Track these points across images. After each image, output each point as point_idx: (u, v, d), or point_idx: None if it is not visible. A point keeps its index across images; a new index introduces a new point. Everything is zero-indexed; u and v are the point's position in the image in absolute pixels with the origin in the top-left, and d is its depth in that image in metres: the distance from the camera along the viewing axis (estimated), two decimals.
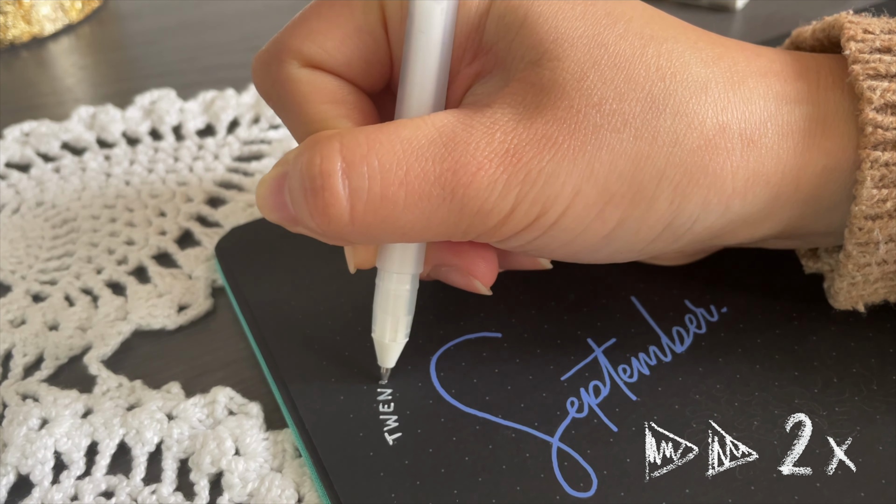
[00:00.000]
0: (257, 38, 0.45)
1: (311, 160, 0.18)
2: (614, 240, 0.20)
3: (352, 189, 0.18)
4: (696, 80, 0.20)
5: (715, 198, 0.20)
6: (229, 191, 0.33)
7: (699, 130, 0.19)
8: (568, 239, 0.20)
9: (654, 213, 0.20)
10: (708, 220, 0.20)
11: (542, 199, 0.19)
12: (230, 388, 0.25)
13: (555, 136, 0.19)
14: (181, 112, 0.38)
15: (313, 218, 0.19)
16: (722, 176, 0.19)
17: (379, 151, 0.18)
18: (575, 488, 0.20)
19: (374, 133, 0.19)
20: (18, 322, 0.28)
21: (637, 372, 0.23)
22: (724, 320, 0.24)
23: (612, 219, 0.19)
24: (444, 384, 0.23)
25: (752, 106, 0.20)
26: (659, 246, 0.21)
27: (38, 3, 0.44)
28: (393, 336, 0.22)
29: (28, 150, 0.36)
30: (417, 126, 0.19)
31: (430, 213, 0.19)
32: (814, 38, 0.23)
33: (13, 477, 0.23)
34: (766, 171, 0.20)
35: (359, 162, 0.18)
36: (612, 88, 0.19)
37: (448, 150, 0.18)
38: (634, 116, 0.19)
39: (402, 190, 0.18)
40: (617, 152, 0.19)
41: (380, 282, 0.22)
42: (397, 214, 0.19)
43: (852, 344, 0.23)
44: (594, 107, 0.19)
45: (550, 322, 0.25)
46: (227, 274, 0.27)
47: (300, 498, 0.22)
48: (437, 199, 0.18)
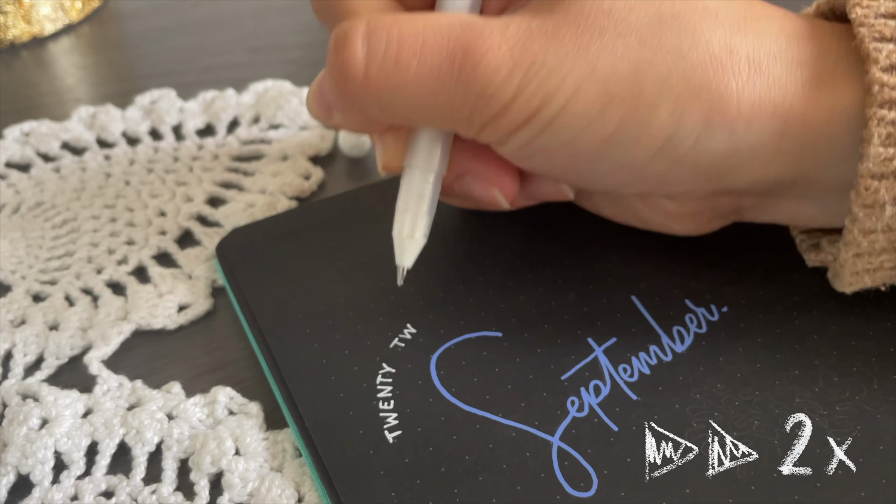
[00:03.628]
0: (257, 38, 0.45)
1: (341, 25, 0.21)
2: (615, 146, 0.21)
3: (369, 49, 0.20)
4: (707, 8, 0.20)
5: (717, 116, 0.20)
6: (229, 191, 0.33)
7: (705, 48, 0.20)
8: (567, 138, 0.21)
9: (654, 120, 0.20)
10: (712, 142, 0.20)
11: (543, 90, 0.20)
12: (230, 388, 0.25)
13: (562, 32, 0.20)
14: (181, 112, 0.38)
15: (334, 74, 0.21)
16: (726, 95, 0.20)
17: (402, 24, 0.20)
18: (575, 488, 0.20)
19: (400, 14, 0.21)
20: (19, 322, 0.28)
21: (637, 371, 0.23)
22: (724, 320, 0.24)
23: (611, 120, 0.20)
24: (445, 383, 0.23)
25: (763, 38, 0.20)
26: (661, 167, 0.21)
27: (38, 3, 0.44)
28: (411, 232, 0.23)
29: (28, 150, 0.36)
30: (441, 14, 0.21)
31: (437, 87, 0.20)
32: (818, 12, 0.23)
33: (13, 477, 0.23)
34: (773, 100, 0.20)
35: (381, 29, 0.20)
36: (622, 0, 0.20)
37: (464, 32, 0.20)
38: (641, 26, 0.20)
39: (415, 59, 0.20)
40: (619, 55, 0.20)
41: (404, 178, 0.23)
42: (408, 82, 0.20)
43: (853, 343, 0.23)
44: (604, 13, 0.20)
45: (551, 321, 0.25)
46: (227, 274, 0.27)
47: (300, 498, 0.22)
48: (446, 74, 0.20)
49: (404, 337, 0.24)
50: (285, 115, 0.37)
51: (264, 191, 0.33)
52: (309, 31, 0.45)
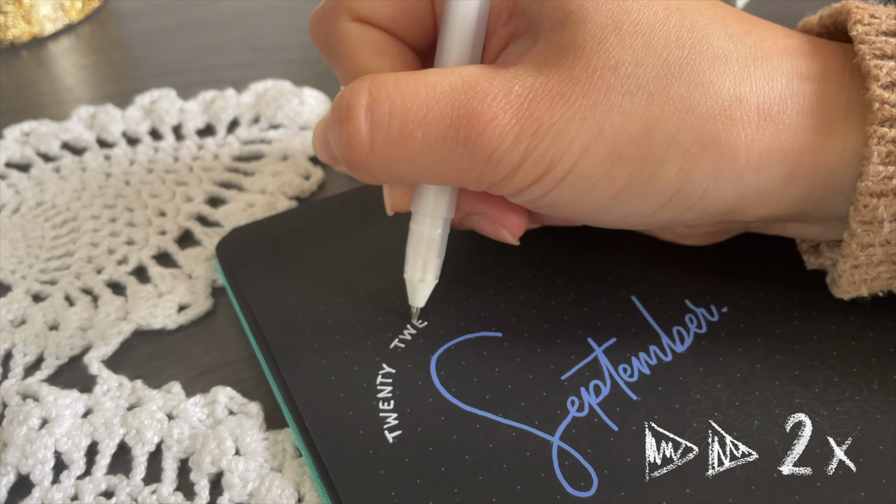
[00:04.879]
0: (257, 38, 0.45)
1: (343, 94, 0.20)
2: (623, 201, 0.21)
3: (373, 123, 0.20)
4: (717, 52, 0.20)
5: (727, 168, 0.20)
6: (229, 191, 0.33)
7: (714, 100, 0.19)
8: (577, 196, 0.20)
9: (662, 177, 0.20)
10: (719, 191, 0.20)
11: (551, 154, 0.20)
12: (230, 388, 0.25)
13: (568, 93, 0.19)
14: (181, 112, 0.38)
15: (339, 147, 0.21)
16: (735, 147, 0.20)
17: (404, 92, 0.20)
18: (575, 488, 0.20)
19: (404, 77, 0.20)
20: (19, 322, 0.28)
21: (637, 371, 0.23)
22: (724, 320, 0.24)
23: (619, 179, 0.20)
24: (445, 383, 0.23)
25: (773, 82, 0.20)
26: (670, 214, 0.21)
27: (38, 3, 0.44)
28: (422, 276, 0.23)
29: (28, 150, 0.36)
30: (444, 74, 0.20)
31: (443, 155, 0.20)
32: (821, 24, 0.23)
33: (13, 477, 0.23)
34: (783, 148, 0.20)
35: (383, 99, 0.20)
36: (629, 53, 0.19)
37: (468, 98, 0.20)
38: (648, 81, 0.19)
39: (420, 130, 0.20)
40: (628, 114, 0.19)
41: (413, 225, 0.23)
42: (414, 152, 0.20)
43: (853, 343, 0.23)
44: (610, 69, 0.19)
45: (551, 321, 0.25)
46: (227, 274, 0.27)
47: (300, 498, 0.22)
48: (451, 142, 0.20)
49: (404, 337, 0.24)
50: (285, 115, 0.37)
51: (264, 191, 0.33)
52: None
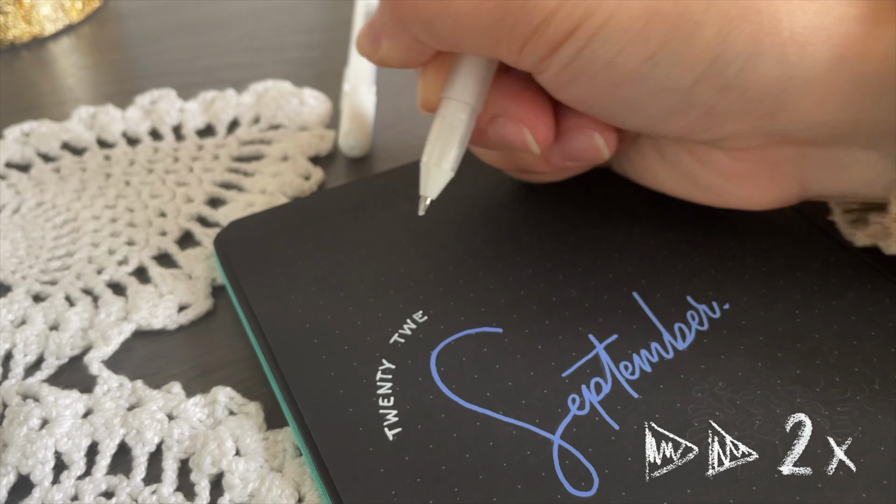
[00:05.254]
0: (257, 38, 0.45)
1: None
2: (657, 65, 0.20)
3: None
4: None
5: (767, 38, 0.19)
6: (229, 191, 0.33)
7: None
8: (609, 55, 0.20)
9: (699, 39, 0.19)
10: (760, 66, 0.20)
11: (585, 2, 0.20)
12: (230, 388, 0.25)
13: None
14: (181, 112, 0.38)
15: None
16: (776, 17, 0.19)
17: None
18: (576, 487, 0.20)
19: None
20: (19, 322, 0.28)
21: (639, 369, 0.23)
22: (726, 317, 0.24)
23: (654, 37, 0.20)
24: (445, 379, 0.23)
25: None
26: (709, 91, 0.20)
27: (38, 3, 0.44)
28: (438, 161, 0.23)
29: (28, 150, 0.36)
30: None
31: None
32: None
33: (13, 477, 0.23)
34: (827, 27, 0.19)
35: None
36: None
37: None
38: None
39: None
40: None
41: (439, 109, 0.23)
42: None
43: (855, 342, 0.23)
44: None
45: (551, 318, 0.24)
46: (225, 268, 0.27)
47: (300, 498, 0.22)
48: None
49: (404, 333, 0.24)
50: (285, 115, 0.37)
51: (264, 191, 0.33)
52: (309, 31, 0.45)
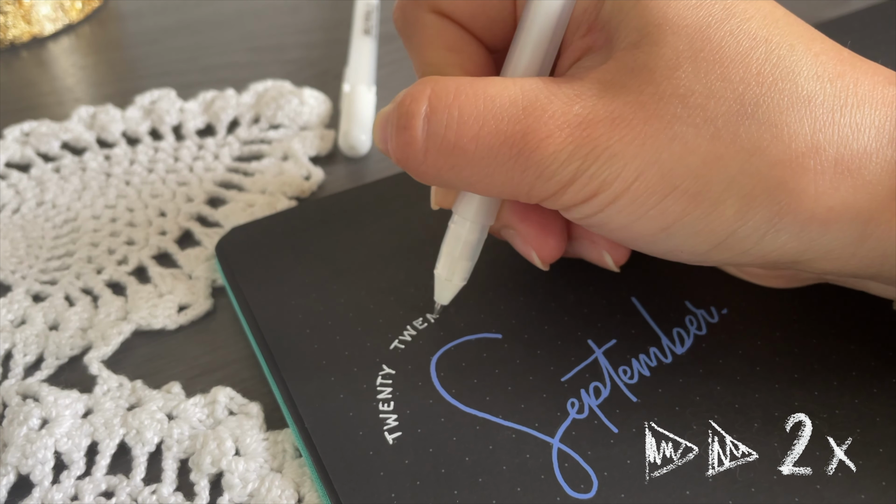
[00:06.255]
0: (257, 38, 0.45)
1: (404, 99, 0.20)
2: (673, 235, 0.20)
3: (429, 133, 0.20)
4: (800, 93, 0.18)
5: (789, 217, 0.19)
6: (229, 191, 0.33)
7: (786, 144, 0.18)
8: (625, 222, 0.20)
9: (717, 217, 0.19)
10: (779, 240, 0.19)
11: (603, 176, 0.19)
12: (230, 388, 0.25)
13: (630, 118, 0.19)
14: (181, 112, 0.38)
15: (395, 151, 0.21)
16: (801, 198, 0.18)
17: (462, 103, 0.20)
18: (575, 490, 0.20)
19: (464, 85, 0.20)
20: (19, 322, 0.28)
21: (637, 373, 0.23)
22: (724, 322, 0.24)
23: (672, 212, 0.19)
24: (445, 384, 0.23)
25: (860, 134, 0.18)
26: (724, 256, 0.20)
27: (38, 3, 0.44)
28: (450, 276, 0.24)
29: (28, 150, 0.36)
30: (505, 85, 0.20)
31: (494, 169, 0.20)
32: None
33: (13, 477, 0.23)
34: (858, 206, 0.18)
35: (441, 110, 0.20)
36: (702, 83, 0.19)
37: (525, 114, 0.19)
38: (717, 116, 0.18)
39: (473, 143, 0.20)
40: (689, 147, 0.18)
41: (452, 224, 0.23)
42: (465, 164, 0.20)
43: (852, 347, 0.23)
44: (679, 98, 0.19)
45: (551, 323, 0.25)
46: (227, 273, 0.27)
47: (300, 498, 0.22)
48: (504, 157, 0.20)
49: (404, 338, 0.24)
50: (285, 115, 0.37)
51: (264, 191, 0.33)
52: (309, 31, 0.45)
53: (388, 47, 0.42)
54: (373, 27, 0.41)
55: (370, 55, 0.39)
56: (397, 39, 0.44)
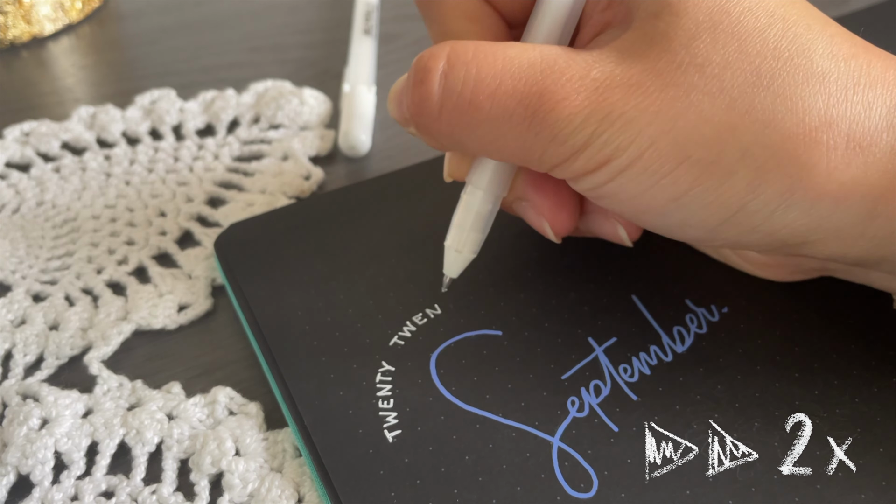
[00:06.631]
0: (257, 38, 0.45)
1: (422, 56, 0.20)
2: (684, 206, 0.20)
3: (446, 88, 0.20)
4: (815, 69, 0.19)
5: (800, 192, 0.19)
6: (229, 191, 0.33)
7: (800, 118, 0.18)
8: (636, 191, 0.20)
9: (728, 188, 0.19)
10: (788, 216, 0.19)
11: (617, 142, 0.19)
12: (230, 388, 0.25)
13: (647, 85, 0.19)
14: (181, 112, 0.38)
15: (410, 107, 0.21)
16: (814, 171, 0.18)
17: (480, 62, 0.20)
18: (575, 489, 0.20)
19: (484, 46, 0.20)
20: (19, 322, 0.28)
21: (638, 372, 0.23)
22: (724, 320, 0.24)
23: (683, 181, 0.19)
24: (444, 382, 0.23)
25: (872, 111, 0.19)
26: (733, 233, 0.20)
27: (38, 3, 0.44)
28: (460, 247, 0.23)
29: (28, 150, 0.36)
30: (525, 49, 0.20)
31: (508, 129, 0.20)
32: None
33: (13, 477, 0.23)
34: (868, 183, 0.19)
35: (459, 66, 0.20)
36: (720, 54, 0.19)
37: (543, 75, 0.19)
38: (734, 87, 0.18)
39: (489, 102, 0.20)
40: (704, 116, 0.19)
41: (465, 195, 0.23)
42: (479, 122, 0.20)
43: (853, 346, 0.23)
44: (696, 67, 0.19)
45: (551, 320, 0.25)
46: (225, 269, 0.27)
47: (300, 498, 0.22)
48: (518, 118, 0.19)
49: (404, 335, 0.24)
50: (285, 115, 0.37)
51: (264, 191, 0.33)
52: (309, 31, 0.45)
53: (388, 47, 0.42)
54: (373, 27, 0.41)
55: (370, 55, 0.39)
56: (397, 39, 0.44)
